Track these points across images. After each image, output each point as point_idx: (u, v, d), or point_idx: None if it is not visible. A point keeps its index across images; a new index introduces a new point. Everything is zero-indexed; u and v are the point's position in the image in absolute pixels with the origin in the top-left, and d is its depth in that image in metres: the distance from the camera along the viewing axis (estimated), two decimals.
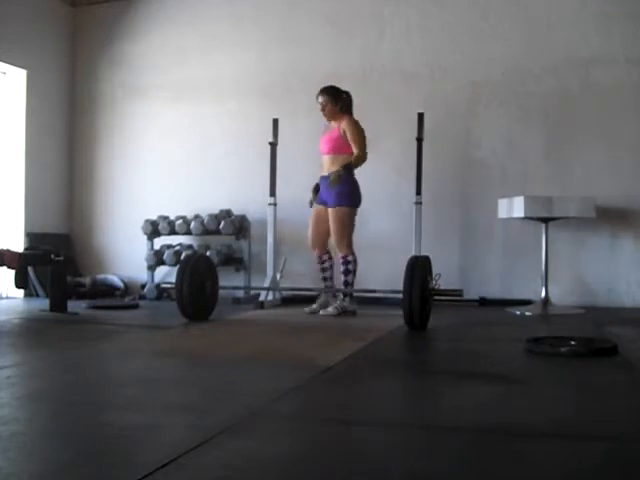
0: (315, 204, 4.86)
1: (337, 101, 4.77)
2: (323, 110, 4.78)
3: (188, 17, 6.57)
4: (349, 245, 4.77)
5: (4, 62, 6.16)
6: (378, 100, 5.98)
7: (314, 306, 4.86)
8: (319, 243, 4.89)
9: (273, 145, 5.53)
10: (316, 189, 4.88)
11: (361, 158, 4.74)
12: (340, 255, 4.77)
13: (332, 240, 4.81)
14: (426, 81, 5.88)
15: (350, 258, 4.76)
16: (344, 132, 4.72)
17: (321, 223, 4.83)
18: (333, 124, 4.80)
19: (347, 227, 4.74)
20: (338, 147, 4.73)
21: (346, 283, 4.75)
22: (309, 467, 1.62)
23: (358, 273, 5.87)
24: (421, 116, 5.25)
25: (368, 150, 5.92)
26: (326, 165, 4.78)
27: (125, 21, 6.79)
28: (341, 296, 4.79)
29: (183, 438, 1.77)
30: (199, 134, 6.49)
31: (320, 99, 4.78)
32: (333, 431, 1.91)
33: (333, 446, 1.78)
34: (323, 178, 4.79)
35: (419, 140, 5.23)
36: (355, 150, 4.72)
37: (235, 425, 1.90)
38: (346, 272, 4.75)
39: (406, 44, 5.96)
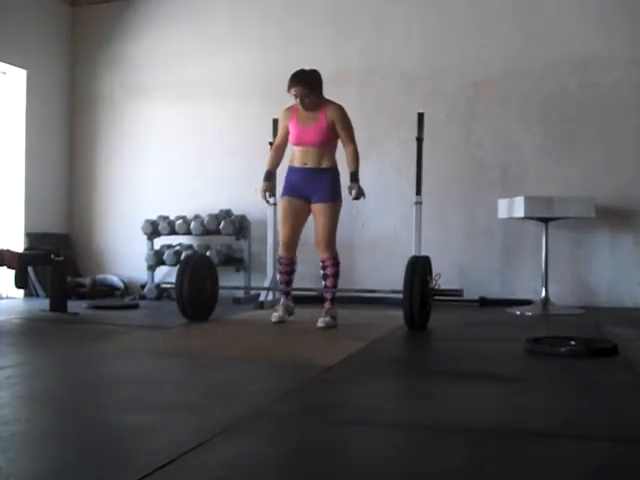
0: (288, 197, 4.21)
1: (315, 87, 4.11)
2: (302, 102, 4.08)
3: (188, 17, 6.57)
4: (335, 245, 4.26)
5: (4, 62, 6.16)
6: (378, 100, 5.99)
7: (279, 313, 4.28)
8: (295, 245, 4.28)
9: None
10: (268, 178, 4.32)
11: (358, 154, 4.16)
12: (329, 256, 4.20)
13: (317, 239, 4.21)
14: (426, 81, 5.89)
15: (339, 259, 4.26)
16: (332, 121, 4.11)
17: (301, 221, 4.25)
18: (311, 112, 4.14)
19: (337, 225, 4.23)
20: (328, 139, 4.14)
21: (335, 287, 4.26)
22: (309, 467, 1.62)
23: (359, 272, 5.90)
24: (421, 116, 5.25)
25: (369, 151, 5.95)
26: (312, 157, 4.14)
27: (124, 21, 6.80)
28: (328, 305, 4.26)
29: (183, 438, 1.77)
30: (199, 134, 6.50)
31: (294, 91, 4.08)
32: (333, 431, 1.91)
33: (333, 446, 1.78)
34: (304, 170, 4.17)
35: (419, 140, 5.23)
36: (350, 145, 4.15)
37: (235, 425, 1.90)
38: (336, 275, 4.23)
39: (406, 44, 5.96)
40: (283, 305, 4.33)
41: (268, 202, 4.42)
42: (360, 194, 4.11)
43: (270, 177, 4.36)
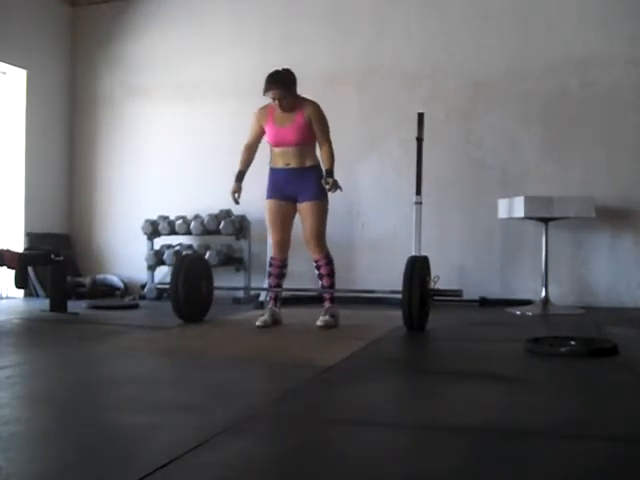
0: (274, 200, 4.20)
1: (291, 87, 4.05)
2: (280, 104, 4.03)
3: (188, 17, 6.57)
4: (325, 243, 4.21)
5: (4, 62, 6.17)
6: (378, 100, 5.99)
7: (264, 318, 4.19)
8: (287, 245, 4.26)
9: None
10: (240, 178, 4.28)
11: (333, 153, 4.10)
12: (321, 256, 4.16)
13: (306, 238, 4.18)
14: (426, 81, 5.89)
15: (332, 257, 4.21)
16: (310, 120, 4.07)
17: (289, 222, 4.23)
18: (287, 113, 4.09)
19: (325, 223, 4.19)
20: (307, 137, 4.10)
21: (332, 286, 4.21)
22: (309, 467, 1.62)
23: (358, 272, 5.90)
24: (421, 116, 5.25)
25: (369, 151, 5.95)
26: (294, 157, 4.11)
27: (124, 21, 6.80)
28: (327, 304, 4.23)
29: (183, 438, 1.77)
30: (199, 134, 6.50)
31: (272, 94, 4.01)
32: (333, 431, 1.91)
33: (333, 446, 1.78)
34: (288, 171, 4.14)
35: (419, 140, 5.22)
36: (325, 144, 4.10)
37: (235, 425, 1.90)
38: (332, 273, 4.19)
39: (406, 44, 5.96)
40: (270, 310, 4.26)
41: (237, 203, 4.31)
42: (335, 187, 4.04)
43: (242, 178, 4.29)
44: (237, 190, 4.27)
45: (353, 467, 1.60)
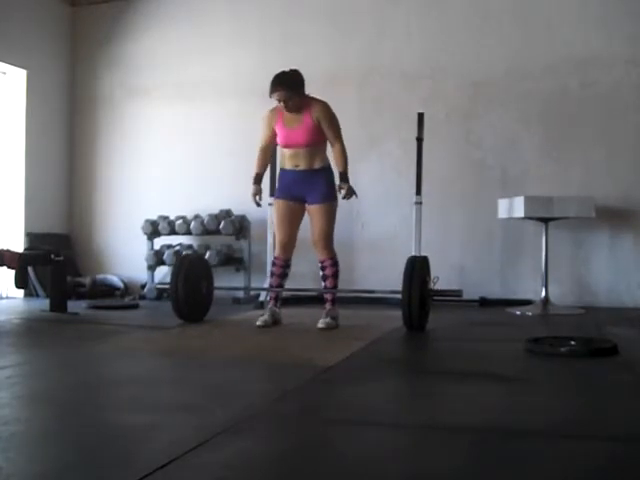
0: (282, 200, 4.19)
1: (297, 88, 4.01)
2: (286, 105, 3.99)
3: (188, 17, 6.57)
4: (333, 245, 4.22)
5: (4, 62, 6.17)
6: (378, 100, 5.99)
7: (265, 318, 4.18)
8: (292, 246, 4.24)
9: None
10: (258, 181, 4.24)
11: (345, 153, 4.10)
12: (327, 257, 4.17)
13: (314, 240, 4.17)
14: (426, 81, 5.89)
15: (337, 259, 4.22)
16: (318, 120, 4.04)
17: (296, 222, 4.23)
18: (296, 114, 4.06)
19: (334, 224, 4.19)
20: (316, 138, 4.07)
21: (335, 287, 4.22)
22: (308, 467, 1.62)
23: (358, 272, 5.90)
24: (421, 116, 5.25)
25: (369, 151, 5.95)
26: (304, 159, 4.08)
27: (124, 21, 6.80)
28: (329, 306, 4.21)
29: (183, 438, 1.77)
30: (199, 134, 6.50)
31: (277, 96, 3.99)
32: (333, 431, 1.91)
33: (333, 446, 1.78)
34: (297, 172, 4.12)
35: (419, 140, 5.22)
36: (336, 143, 4.09)
37: (235, 425, 1.90)
38: (336, 275, 4.19)
39: (406, 44, 5.97)
40: (270, 310, 4.25)
41: (259, 205, 4.31)
42: (350, 194, 4.07)
43: (259, 180, 4.28)
44: (257, 192, 4.25)
45: (353, 467, 1.60)
